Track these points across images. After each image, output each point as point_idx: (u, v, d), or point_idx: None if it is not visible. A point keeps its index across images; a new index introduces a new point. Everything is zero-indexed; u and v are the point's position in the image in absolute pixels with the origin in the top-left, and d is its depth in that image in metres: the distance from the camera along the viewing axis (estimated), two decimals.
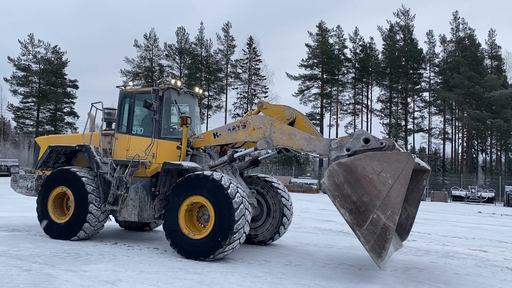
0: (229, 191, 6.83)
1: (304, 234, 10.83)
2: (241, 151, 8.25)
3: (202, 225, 7.29)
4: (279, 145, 7.49)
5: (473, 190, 35.42)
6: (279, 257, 7.58)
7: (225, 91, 60.68)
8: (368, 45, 59.06)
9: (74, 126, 61.10)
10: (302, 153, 7.41)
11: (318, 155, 7.52)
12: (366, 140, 6.66)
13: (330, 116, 59.93)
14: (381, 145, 6.52)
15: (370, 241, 5.74)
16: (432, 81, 57.62)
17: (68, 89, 61.55)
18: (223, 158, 7.99)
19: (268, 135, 7.51)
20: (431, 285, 6.13)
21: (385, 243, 5.67)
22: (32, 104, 59.03)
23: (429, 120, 57.29)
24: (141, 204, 8.11)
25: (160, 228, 10.13)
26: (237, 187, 7.02)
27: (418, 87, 56.79)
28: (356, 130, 7.39)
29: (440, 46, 57.24)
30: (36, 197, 8.74)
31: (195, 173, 7.27)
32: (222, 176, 7.04)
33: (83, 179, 8.17)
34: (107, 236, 9.10)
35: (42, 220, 8.48)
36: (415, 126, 55.92)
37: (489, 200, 34.36)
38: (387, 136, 48.13)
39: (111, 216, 8.73)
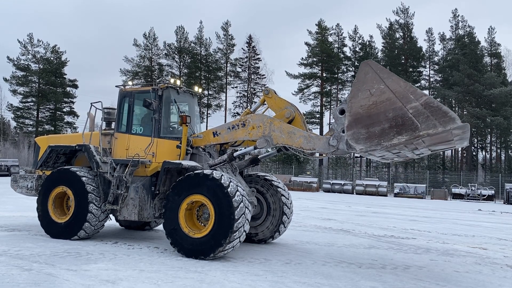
0: (229, 189, 6.83)
1: (304, 232, 10.85)
2: (240, 149, 8.25)
3: (202, 224, 7.30)
4: (279, 144, 7.48)
5: (473, 188, 35.46)
6: (279, 256, 7.60)
7: (224, 90, 60.69)
8: (367, 43, 59.03)
9: (74, 125, 61.21)
10: (303, 152, 7.36)
11: (317, 152, 7.44)
12: (342, 112, 6.65)
13: (330, 115, 59.88)
14: None
15: (434, 124, 5.55)
16: (431, 79, 57.67)
17: (68, 88, 61.56)
18: (223, 157, 7.99)
19: (267, 134, 7.51)
20: (431, 282, 6.15)
21: (441, 108, 5.52)
22: (32, 104, 59.04)
23: None
24: (141, 203, 8.12)
25: (160, 227, 10.15)
26: (237, 185, 7.03)
27: (417, 85, 56.70)
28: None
29: (439, 44, 57.38)
30: (36, 197, 8.75)
31: (195, 172, 7.27)
32: (222, 175, 7.04)
33: (83, 178, 8.18)
34: (108, 235, 9.11)
35: (42, 220, 8.48)
36: None
37: (489, 198, 34.40)
38: None
39: (111, 215, 8.74)
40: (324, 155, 7.46)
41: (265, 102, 8.41)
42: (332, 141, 6.87)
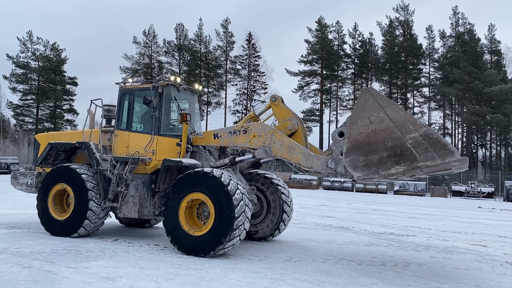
0: (229, 187, 6.83)
1: (304, 230, 10.86)
2: (241, 152, 8.28)
3: (202, 222, 7.30)
4: (277, 156, 7.46)
5: (473, 185, 35.47)
6: (279, 253, 7.60)
7: (224, 87, 60.63)
8: (367, 40, 59.01)
9: (74, 123, 61.19)
10: (300, 168, 7.33)
11: (313, 170, 7.33)
12: (341, 134, 6.67)
13: (330, 112, 59.98)
14: None
15: (433, 156, 5.54)
16: (431, 76, 57.61)
17: (68, 86, 61.52)
18: (225, 160, 7.97)
19: (267, 145, 7.49)
20: (431, 280, 6.15)
21: (440, 141, 5.54)
22: (32, 101, 58.99)
23: (428, 115, 57.36)
24: (141, 201, 8.12)
25: (160, 225, 10.14)
26: (237, 183, 7.03)
27: (417, 82, 56.78)
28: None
29: (439, 41, 57.28)
30: (36, 194, 8.75)
31: (195, 170, 7.27)
32: (222, 173, 7.04)
33: (83, 176, 8.17)
34: (107, 233, 9.12)
35: (42, 217, 8.48)
36: None
37: (489, 195, 34.42)
38: None
39: (111, 213, 8.74)
40: (321, 173, 7.47)
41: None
42: (330, 163, 6.85)
